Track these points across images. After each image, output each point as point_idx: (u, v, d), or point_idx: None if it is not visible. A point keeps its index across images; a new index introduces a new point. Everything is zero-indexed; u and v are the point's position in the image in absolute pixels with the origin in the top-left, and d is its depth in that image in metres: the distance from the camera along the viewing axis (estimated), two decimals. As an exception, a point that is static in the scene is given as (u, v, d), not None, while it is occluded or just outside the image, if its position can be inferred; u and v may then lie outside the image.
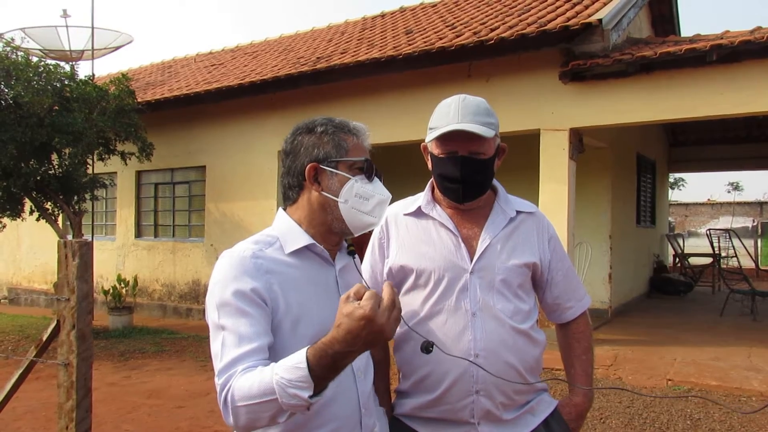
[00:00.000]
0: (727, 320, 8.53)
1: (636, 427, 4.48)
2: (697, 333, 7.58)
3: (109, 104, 8.34)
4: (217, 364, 1.29)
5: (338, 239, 1.52)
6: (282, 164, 1.53)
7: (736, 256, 12.95)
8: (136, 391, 5.60)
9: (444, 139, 1.62)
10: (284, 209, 1.53)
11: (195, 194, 10.24)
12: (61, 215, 8.73)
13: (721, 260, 12.39)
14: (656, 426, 4.48)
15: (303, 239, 1.44)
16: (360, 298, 1.13)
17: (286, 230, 1.46)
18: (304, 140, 1.48)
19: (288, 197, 1.51)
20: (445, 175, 1.66)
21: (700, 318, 8.80)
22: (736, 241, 13.05)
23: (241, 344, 1.28)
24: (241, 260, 1.36)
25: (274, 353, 1.34)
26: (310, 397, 1.14)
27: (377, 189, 1.47)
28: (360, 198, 1.44)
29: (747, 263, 12.64)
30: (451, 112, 1.62)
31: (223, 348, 1.29)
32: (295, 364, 1.15)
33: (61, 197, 8.22)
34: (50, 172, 8.11)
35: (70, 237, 8.68)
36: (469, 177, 1.64)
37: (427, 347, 1.26)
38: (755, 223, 27.16)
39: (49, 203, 8.42)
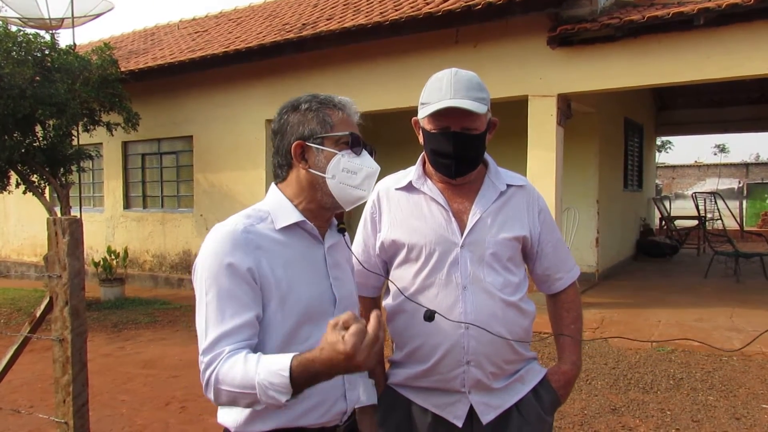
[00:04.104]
0: (711, 282, 8.70)
1: (621, 387, 4.60)
2: (682, 295, 7.73)
3: (92, 74, 8.20)
4: (202, 342, 1.32)
5: (330, 215, 1.53)
6: (272, 143, 1.53)
7: (720, 218, 13.14)
8: (130, 361, 5.66)
9: (437, 114, 1.62)
10: (276, 184, 1.53)
11: (183, 164, 10.17)
12: (47, 188, 8.66)
13: (706, 223, 12.56)
14: (640, 386, 4.61)
15: (294, 216, 1.45)
16: (347, 328, 1.15)
17: (278, 206, 1.47)
18: (290, 119, 1.47)
19: (278, 175, 1.52)
20: (438, 151, 1.67)
21: (684, 280, 8.97)
22: (721, 204, 13.22)
23: (224, 323, 1.31)
24: (232, 234, 1.36)
25: (261, 330, 1.37)
26: (287, 400, 1.21)
27: (365, 162, 1.47)
28: (348, 172, 1.44)
29: (732, 225, 12.82)
30: (444, 88, 1.62)
31: (207, 326, 1.32)
32: (278, 370, 1.20)
33: (47, 169, 8.14)
34: (35, 144, 8.01)
35: (57, 209, 8.63)
36: (462, 152, 1.65)
37: (431, 316, 1.29)
38: (741, 185, 27.45)
39: (36, 176, 8.34)
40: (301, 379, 1.19)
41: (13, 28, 8.07)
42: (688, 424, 3.91)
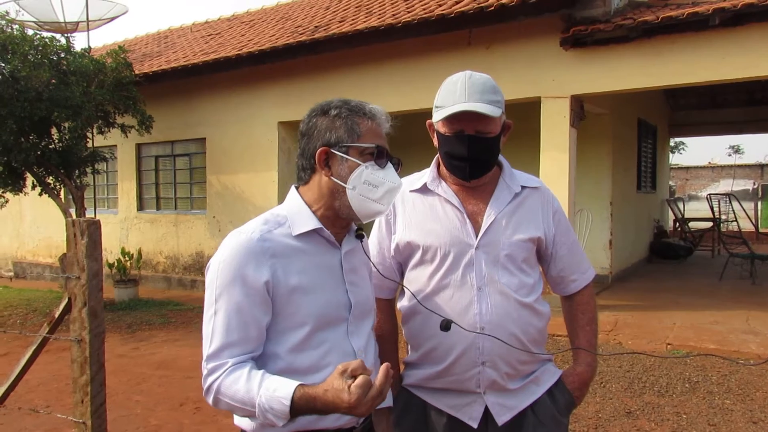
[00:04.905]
0: (727, 284, 8.61)
1: (636, 390, 4.57)
2: (697, 297, 7.66)
3: (107, 77, 8.29)
4: (206, 346, 1.34)
5: (347, 223, 1.52)
6: (298, 144, 1.52)
7: (736, 219, 13.01)
8: (144, 362, 5.70)
9: (451, 118, 1.63)
10: (296, 188, 1.52)
11: (196, 166, 10.22)
12: (63, 189, 8.75)
13: (721, 224, 12.44)
14: (655, 389, 4.58)
15: (311, 222, 1.44)
16: (355, 376, 1.19)
17: (296, 211, 1.46)
18: (318, 122, 1.45)
19: (300, 178, 1.51)
20: (453, 154, 1.67)
21: (699, 282, 8.89)
22: (735, 205, 13.09)
23: (231, 333, 1.33)
24: (247, 243, 1.36)
25: (274, 336, 1.39)
26: (283, 424, 1.25)
27: (388, 176, 1.44)
28: (369, 185, 1.41)
29: (747, 226, 12.69)
30: (458, 91, 1.62)
31: (213, 332, 1.34)
32: (280, 397, 1.22)
33: (62, 171, 8.23)
34: (51, 146, 8.10)
35: (72, 211, 8.72)
36: (477, 155, 1.65)
37: (447, 325, 1.29)
38: (756, 186, 27.14)
39: (51, 178, 8.44)
40: (301, 410, 1.23)
41: (30, 32, 8.17)
42: (705, 428, 3.88)
